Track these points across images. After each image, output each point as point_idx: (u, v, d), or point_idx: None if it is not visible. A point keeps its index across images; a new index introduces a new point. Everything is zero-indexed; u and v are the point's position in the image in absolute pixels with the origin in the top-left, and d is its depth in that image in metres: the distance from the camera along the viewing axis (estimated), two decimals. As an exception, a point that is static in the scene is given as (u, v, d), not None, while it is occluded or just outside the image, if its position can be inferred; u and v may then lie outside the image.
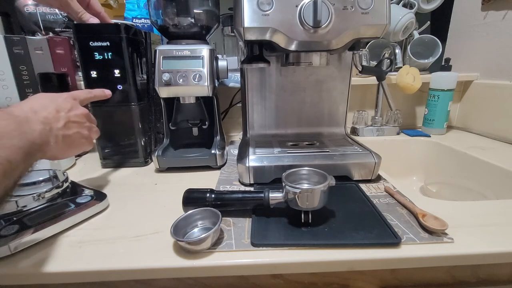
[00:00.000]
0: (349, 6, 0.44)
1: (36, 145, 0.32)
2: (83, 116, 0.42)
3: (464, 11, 0.87)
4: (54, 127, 0.36)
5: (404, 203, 0.44)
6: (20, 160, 0.28)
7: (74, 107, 0.41)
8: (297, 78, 0.67)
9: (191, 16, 0.60)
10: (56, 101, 0.39)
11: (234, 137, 0.89)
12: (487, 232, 0.38)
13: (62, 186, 0.46)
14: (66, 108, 0.39)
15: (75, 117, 0.41)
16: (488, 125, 0.80)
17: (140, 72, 0.62)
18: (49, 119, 0.36)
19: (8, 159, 0.26)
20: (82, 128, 0.42)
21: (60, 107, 0.39)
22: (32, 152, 0.31)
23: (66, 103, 0.40)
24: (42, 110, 0.35)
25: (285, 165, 0.52)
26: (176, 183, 0.56)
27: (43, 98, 0.38)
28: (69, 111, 0.40)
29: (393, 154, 0.80)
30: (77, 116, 0.41)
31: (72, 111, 0.40)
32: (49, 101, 0.38)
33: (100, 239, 0.38)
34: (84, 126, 0.42)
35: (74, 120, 0.40)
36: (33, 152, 0.31)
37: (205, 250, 0.35)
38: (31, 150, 0.30)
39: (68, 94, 0.43)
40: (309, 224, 0.40)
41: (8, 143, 0.27)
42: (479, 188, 0.62)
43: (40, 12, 0.74)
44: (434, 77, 0.80)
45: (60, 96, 0.40)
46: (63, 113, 0.39)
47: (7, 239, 0.35)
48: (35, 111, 0.34)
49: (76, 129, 0.41)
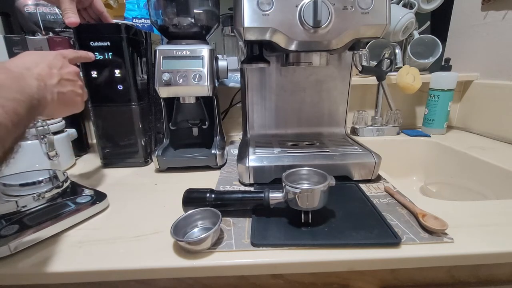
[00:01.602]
0: (349, 6, 0.44)
1: (35, 99, 0.31)
2: (75, 74, 0.42)
3: (464, 11, 0.87)
4: (48, 84, 0.36)
5: (404, 203, 0.44)
6: (24, 113, 0.28)
7: (65, 65, 0.41)
8: (297, 78, 0.67)
9: (191, 16, 0.60)
10: (47, 58, 0.38)
11: (234, 137, 0.89)
12: (487, 232, 0.38)
13: (62, 186, 0.46)
14: (57, 65, 0.39)
15: (68, 75, 0.40)
16: (488, 125, 0.80)
17: (140, 72, 0.62)
18: (43, 75, 0.35)
19: (14, 111, 0.27)
20: (75, 86, 0.41)
21: (52, 64, 0.38)
22: (33, 107, 0.30)
23: (57, 61, 0.39)
24: (34, 67, 0.35)
25: (285, 165, 0.52)
26: (176, 183, 0.56)
27: (33, 54, 0.37)
28: (61, 68, 0.39)
29: (393, 154, 0.80)
30: (69, 73, 0.41)
31: (64, 69, 0.40)
32: (40, 58, 0.37)
33: (100, 239, 0.38)
34: (77, 84, 0.42)
35: (67, 77, 0.40)
36: (33, 107, 0.31)
37: (205, 250, 0.35)
38: (32, 104, 0.30)
39: (57, 52, 0.42)
40: (309, 224, 0.40)
41: (11, 96, 0.27)
42: (479, 188, 0.62)
43: (40, 12, 0.74)
44: (434, 77, 0.80)
45: (50, 54, 0.40)
46: (55, 70, 0.38)
47: (7, 239, 0.35)
48: (27, 67, 0.34)
49: (70, 87, 0.40)
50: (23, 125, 0.29)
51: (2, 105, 0.26)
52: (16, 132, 0.28)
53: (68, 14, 0.50)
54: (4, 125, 0.25)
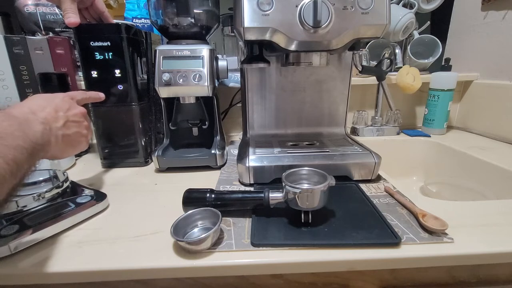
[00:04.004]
0: (349, 6, 0.44)
1: (39, 145, 0.32)
2: (81, 115, 0.43)
3: (464, 11, 0.87)
4: (53, 127, 0.37)
5: (404, 203, 0.44)
6: (24, 160, 0.28)
7: (72, 106, 0.42)
8: (297, 78, 0.67)
9: (191, 16, 0.60)
10: (54, 101, 0.39)
11: (234, 137, 0.89)
12: (487, 232, 0.38)
13: (62, 186, 0.46)
14: (64, 108, 0.40)
15: (74, 117, 0.41)
16: (488, 125, 0.80)
17: (141, 72, 0.62)
18: (48, 119, 0.36)
19: (14, 160, 0.26)
20: (80, 128, 0.42)
21: (58, 107, 0.39)
22: (35, 152, 0.31)
23: (64, 103, 0.40)
24: (40, 111, 0.35)
25: (285, 165, 0.52)
26: (176, 183, 0.56)
27: (40, 98, 0.38)
28: (68, 110, 0.40)
29: (393, 154, 0.80)
30: (75, 115, 0.41)
31: (71, 111, 0.41)
32: (47, 101, 0.38)
33: (100, 239, 0.38)
34: (82, 125, 0.43)
35: (73, 119, 0.40)
36: (36, 152, 0.31)
37: (205, 250, 0.35)
38: (34, 150, 0.31)
39: (65, 94, 0.43)
40: (309, 224, 0.40)
41: (13, 144, 0.27)
42: (479, 188, 0.62)
43: (40, 12, 0.74)
44: (434, 77, 0.80)
45: (57, 97, 0.40)
46: (61, 113, 0.39)
47: (7, 239, 0.35)
48: (33, 111, 0.34)
49: (76, 129, 0.41)
50: (22, 173, 0.29)
51: (4, 155, 0.25)
52: (14, 182, 0.27)
53: (69, 14, 0.50)
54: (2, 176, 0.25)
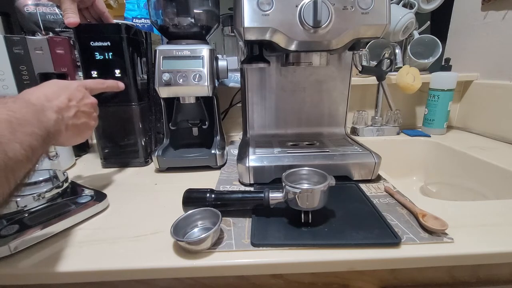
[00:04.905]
0: (349, 6, 0.44)
1: (51, 133, 0.33)
2: (92, 106, 0.43)
3: (464, 11, 0.87)
4: (65, 116, 0.37)
5: (404, 203, 0.44)
6: (39, 147, 0.29)
7: (85, 96, 0.42)
8: (297, 78, 0.67)
9: (191, 16, 0.60)
10: (68, 90, 0.39)
11: (234, 137, 0.89)
12: (487, 232, 0.38)
13: (62, 186, 0.46)
14: (77, 97, 0.40)
15: (85, 107, 0.41)
16: (488, 125, 0.80)
17: (141, 72, 0.62)
18: (61, 108, 0.36)
19: (30, 146, 0.27)
20: (89, 118, 0.42)
21: (72, 96, 0.39)
22: (48, 139, 0.32)
23: (77, 93, 0.40)
24: (55, 99, 0.36)
25: (285, 165, 0.52)
26: (176, 183, 0.56)
27: (56, 85, 0.38)
28: (80, 100, 0.40)
29: (393, 154, 0.80)
30: (86, 105, 0.41)
31: (83, 101, 0.41)
32: (62, 89, 0.38)
33: (100, 239, 0.38)
34: (91, 116, 0.43)
35: (83, 110, 0.41)
36: (48, 140, 0.32)
37: (205, 250, 0.35)
38: (47, 138, 0.31)
39: (80, 83, 0.43)
40: (309, 224, 0.40)
41: (30, 130, 0.28)
42: (479, 188, 0.62)
43: (40, 12, 0.74)
44: (434, 77, 0.80)
45: (72, 85, 0.41)
46: (74, 102, 0.39)
47: (7, 239, 0.35)
48: (49, 99, 0.35)
49: (84, 119, 0.41)
50: (36, 158, 0.29)
51: (21, 141, 0.26)
52: (29, 166, 0.28)
53: (68, 14, 0.50)
54: (20, 161, 0.26)
